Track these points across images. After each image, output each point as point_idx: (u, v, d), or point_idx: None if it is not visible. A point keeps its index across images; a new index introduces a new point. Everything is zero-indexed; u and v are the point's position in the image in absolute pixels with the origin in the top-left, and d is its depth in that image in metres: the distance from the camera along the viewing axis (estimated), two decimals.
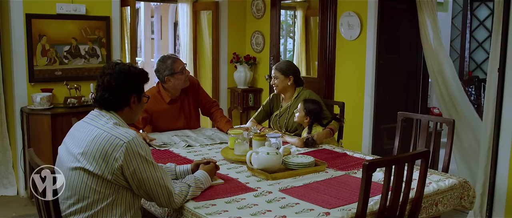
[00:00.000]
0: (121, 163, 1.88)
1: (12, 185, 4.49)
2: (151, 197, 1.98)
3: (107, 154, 1.89)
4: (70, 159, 1.96)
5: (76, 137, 2.01)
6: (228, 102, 6.01)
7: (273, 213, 1.94)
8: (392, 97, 4.71)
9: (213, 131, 3.59)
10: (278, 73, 3.57)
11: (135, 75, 2.10)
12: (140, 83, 2.13)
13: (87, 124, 2.02)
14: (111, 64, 2.08)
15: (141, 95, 2.14)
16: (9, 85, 4.43)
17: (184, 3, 5.83)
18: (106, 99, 2.03)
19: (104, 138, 1.91)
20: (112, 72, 2.04)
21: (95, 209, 1.92)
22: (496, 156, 3.50)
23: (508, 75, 3.41)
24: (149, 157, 1.97)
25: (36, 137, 4.17)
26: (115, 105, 2.06)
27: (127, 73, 2.06)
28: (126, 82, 2.05)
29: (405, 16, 4.66)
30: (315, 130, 3.27)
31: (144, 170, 1.93)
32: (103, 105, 2.05)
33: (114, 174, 1.90)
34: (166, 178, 2.02)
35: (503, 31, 3.41)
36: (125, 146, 1.89)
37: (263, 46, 5.81)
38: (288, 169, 2.53)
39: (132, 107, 2.10)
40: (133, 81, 2.09)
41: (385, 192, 1.96)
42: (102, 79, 2.05)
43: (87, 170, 1.90)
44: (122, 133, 1.93)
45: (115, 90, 2.03)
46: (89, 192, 1.91)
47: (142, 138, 1.99)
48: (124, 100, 2.06)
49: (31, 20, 4.27)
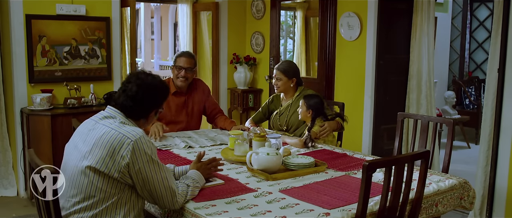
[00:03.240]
0: (128, 161, 1.89)
1: (12, 185, 4.49)
2: (154, 198, 1.98)
3: (114, 152, 1.89)
4: (78, 157, 1.97)
5: (84, 134, 2.02)
6: (228, 103, 6.01)
7: (273, 213, 1.94)
8: (392, 97, 4.71)
9: (216, 132, 3.60)
10: (281, 75, 3.54)
11: (162, 91, 2.13)
12: (163, 100, 2.16)
13: (96, 122, 2.03)
14: (142, 75, 2.09)
15: (159, 110, 2.17)
16: (9, 86, 4.43)
17: (184, 3, 5.83)
18: (129, 108, 2.05)
19: (112, 135, 1.92)
20: (142, 83, 2.06)
21: (100, 208, 1.93)
22: (496, 156, 3.50)
23: (508, 75, 3.41)
24: (155, 157, 1.97)
25: (36, 138, 4.17)
26: (135, 115, 2.08)
27: (156, 89, 2.09)
28: (152, 97, 2.09)
29: (405, 17, 4.66)
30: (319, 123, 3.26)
31: (149, 170, 1.93)
32: (124, 111, 2.06)
33: (121, 172, 1.90)
34: (170, 178, 2.02)
35: (502, 32, 3.41)
36: (132, 144, 1.90)
37: (263, 46, 5.81)
38: (288, 169, 2.53)
39: (148, 120, 2.14)
40: (159, 97, 2.12)
41: (385, 193, 1.96)
42: (130, 87, 2.05)
43: (94, 168, 1.90)
44: (130, 131, 1.94)
45: (140, 102, 2.05)
46: (95, 191, 1.92)
47: (148, 138, 1.99)
48: (144, 112, 2.10)
49: (31, 20, 4.28)
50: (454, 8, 7.41)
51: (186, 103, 3.65)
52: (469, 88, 7.10)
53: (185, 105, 3.66)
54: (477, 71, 7.62)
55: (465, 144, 6.48)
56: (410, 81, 4.66)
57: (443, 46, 7.18)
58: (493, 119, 3.54)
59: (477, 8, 7.52)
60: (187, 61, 3.55)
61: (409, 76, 4.67)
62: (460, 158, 5.82)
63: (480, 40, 7.54)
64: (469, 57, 7.63)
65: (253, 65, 5.90)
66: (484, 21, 7.47)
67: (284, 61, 3.73)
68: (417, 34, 4.57)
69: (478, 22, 7.52)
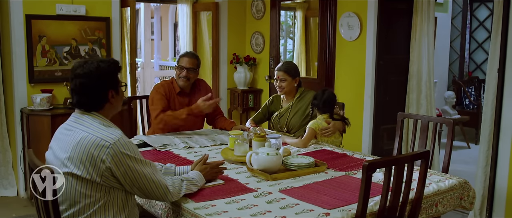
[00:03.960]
0: (109, 165, 1.87)
1: (12, 185, 4.49)
2: (146, 193, 1.98)
3: (93, 157, 1.86)
4: (58, 164, 1.94)
5: (61, 141, 1.98)
6: (228, 103, 6.01)
7: (273, 213, 1.94)
8: (392, 98, 4.71)
9: (216, 132, 3.60)
10: (286, 76, 3.52)
11: (107, 70, 1.99)
12: (114, 76, 2.03)
13: (71, 127, 1.98)
14: (79, 64, 1.98)
15: (117, 87, 2.05)
16: (9, 86, 4.42)
17: (184, 4, 5.83)
18: (84, 102, 1.98)
19: (89, 140, 1.88)
20: (82, 73, 1.95)
21: (88, 213, 1.91)
22: (496, 157, 3.50)
23: (508, 75, 3.41)
24: (137, 155, 1.95)
25: (36, 138, 4.16)
26: (95, 106, 2.00)
27: (97, 72, 1.96)
28: (99, 81, 1.97)
29: (405, 17, 4.66)
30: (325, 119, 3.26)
31: (134, 169, 1.92)
32: (83, 108, 1.99)
33: (103, 176, 1.88)
34: (156, 172, 2.01)
35: (502, 32, 3.41)
36: (111, 147, 1.87)
37: (263, 47, 5.81)
38: (288, 169, 2.53)
39: (112, 102, 2.03)
40: (106, 77, 1.99)
41: (385, 193, 1.96)
42: (74, 83, 1.97)
43: (75, 175, 1.88)
44: (108, 134, 1.90)
45: (90, 92, 1.96)
46: (80, 197, 1.90)
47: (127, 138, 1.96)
48: (102, 99, 2.00)
49: (31, 21, 4.27)
50: (454, 8, 7.41)
51: (189, 104, 3.64)
52: (469, 89, 7.10)
53: (189, 105, 3.64)
54: (477, 71, 7.62)
55: (465, 144, 6.48)
56: (410, 82, 4.66)
57: (443, 46, 7.18)
58: (493, 119, 3.54)
59: (477, 8, 7.52)
60: (190, 62, 3.57)
61: (409, 76, 4.67)
62: (460, 158, 5.82)
63: (480, 40, 7.53)
64: (469, 57, 7.63)
65: (253, 66, 5.89)
66: (484, 21, 7.47)
67: (285, 62, 3.72)
68: (417, 34, 4.57)
69: (478, 22, 7.51)
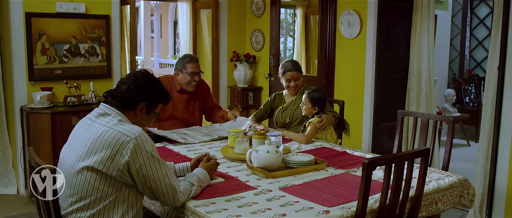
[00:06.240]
0: (128, 159, 1.89)
1: (12, 183, 4.49)
2: (156, 195, 1.98)
3: (113, 150, 1.89)
4: (74, 157, 1.96)
5: (81, 135, 2.01)
6: (228, 101, 6.01)
7: (273, 211, 1.94)
8: (392, 95, 4.71)
9: (208, 129, 3.61)
10: (299, 74, 3.65)
11: (147, 84, 2.10)
12: (152, 94, 2.12)
13: (92, 121, 2.02)
14: (139, 71, 2.14)
15: (152, 108, 2.14)
16: (9, 84, 4.42)
17: (184, 1, 5.82)
18: (117, 95, 2.06)
19: (110, 135, 1.91)
20: (133, 75, 2.10)
21: (97, 208, 1.92)
22: (496, 154, 3.50)
23: (508, 73, 3.41)
24: (155, 153, 1.97)
25: (36, 136, 4.17)
26: (122, 102, 2.06)
27: (142, 80, 2.08)
28: (138, 87, 2.07)
29: (405, 15, 4.66)
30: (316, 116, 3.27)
31: (150, 167, 1.93)
32: (112, 97, 2.07)
33: (119, 170, 1.89)
34: (171, 175, 2.02)
35: (502, 30, 3.41)
36: (132, 142, 1.89)
37: (263, 44, 5.81)
38: (288, 167, 2.53)
39: (137, 114, 2.10)
40: (145, 88, 2.09)
41: (385, 190, 1.96)
42: (123, 80, 2.11)
43: (92, 168, 1.90)
44: (128, 129, 1.94)
45: (127, 90, 2.05)
46: (92, 191, 1.91)
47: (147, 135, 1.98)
48: (132, 102, 2.06)
49: (31, 18, 4.27)
50: (454, 6, 7.41)
51: (188, 101, 3.74)
52: (469, 86, 7.09)
53: (188, 103, 3.75)
54: (477, 69, 7.61)
55: (465, 142, 6.48)
56: (410, 79, 4.66)
57: (443, 44, 7.17)
58: (493, 117, 3.54)
59: (477, 6, 7.51)
60: (198, 66, 3.70)
61: (409, 74, 4.67)
62: (460, 156, 5.82)
63: (480, 38, 7.53)
64: (469, 55, 7.63)
65: (253, 63, 5.90)
66: (484, 19, 7.46)
67: (290, 61, 3.77)
68: (417, 32, 4.57)
69: (478, 20, 7.50)
